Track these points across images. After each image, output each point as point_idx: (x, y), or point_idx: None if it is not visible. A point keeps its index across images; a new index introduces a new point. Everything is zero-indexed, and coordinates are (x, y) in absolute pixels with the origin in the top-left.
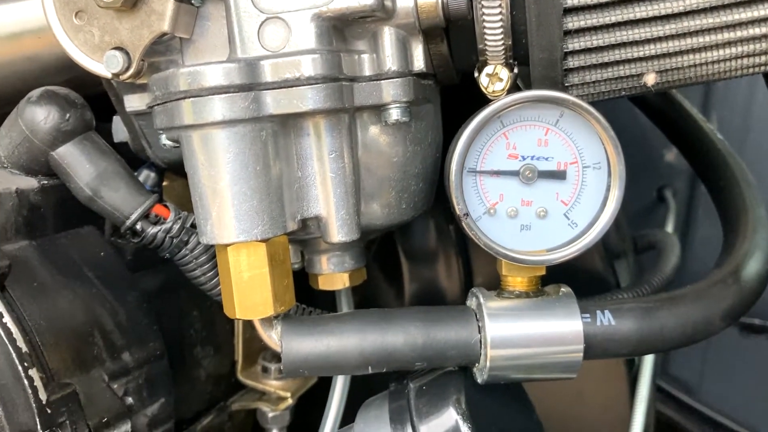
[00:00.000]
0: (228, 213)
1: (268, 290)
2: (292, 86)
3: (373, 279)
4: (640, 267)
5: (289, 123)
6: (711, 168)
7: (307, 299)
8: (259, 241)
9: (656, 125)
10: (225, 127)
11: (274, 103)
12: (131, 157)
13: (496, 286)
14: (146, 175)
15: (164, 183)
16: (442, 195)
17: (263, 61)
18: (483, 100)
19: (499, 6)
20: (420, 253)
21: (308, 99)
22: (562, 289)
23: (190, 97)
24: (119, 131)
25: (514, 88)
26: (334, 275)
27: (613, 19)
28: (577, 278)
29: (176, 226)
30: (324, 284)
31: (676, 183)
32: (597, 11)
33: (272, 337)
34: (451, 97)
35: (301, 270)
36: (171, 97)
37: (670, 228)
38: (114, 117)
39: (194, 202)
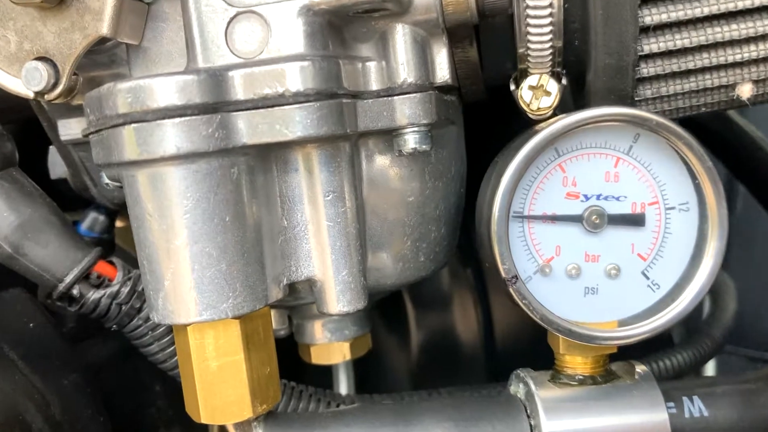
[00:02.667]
0: (186, 282)
1: (245, 384)
2: (272, 105)
3: (374, 326)
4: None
5: (270, 155)
6: (760, 176)
7: (295, 368)
8: (232, 318)
9: (712, 153)
10: (181, 164)
11: (248, 129)
12: (74, 198)
13: (520, 337)
14: (93, 219)
15: (118, 224)
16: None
17: (233, 72)
18: (512, 119)
19: None
20: (430, 298)
21: (296, 123)
22: (637, 369)
23: (131, 123)
24: (56, 165)
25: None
26: (330, 346)
27: (705, 11)
28: None
29: (125, 290)
30: (318, 357)
31: None
32: (684, 0)
33: None
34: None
35: (289, 335)
36: (107, 123)
37: None
38: (50, 147)
39: (141, 266)
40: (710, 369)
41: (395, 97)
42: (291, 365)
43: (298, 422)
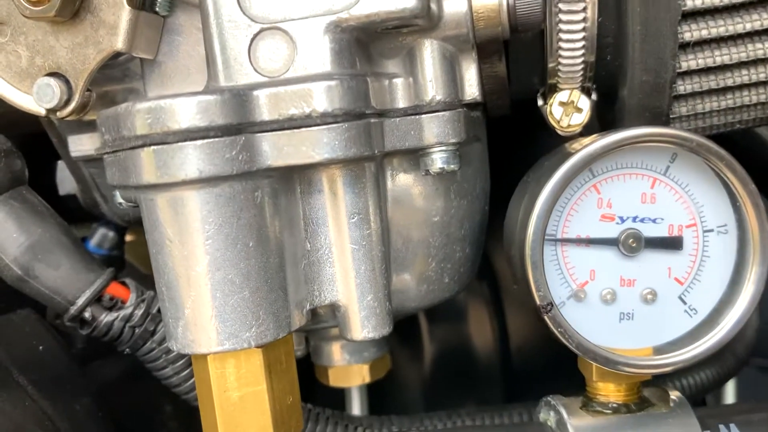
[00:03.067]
0: (208, 310)
1: (267, 416)
2: (299, 127)
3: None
4: None
5: (293, 177)
6: None
7: (306, 386)
8: (254, 347)
9: None
10: (203, 188)
11: (273, 151)
12: (83, 214)
13: (537, 352)
14: (102, 235)
15: (128, 238)
16: None
17: (257, 92)
18: (536, 133)
19: (583, 11)
20: (444, 312)
21: (323, 145)
22: (672, 396)
23: (151, 145)
24: (65, 181)
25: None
26: (349, 368)
27: (748, 26)
28: None
29: (138, 312)
30: (336, 380)
31: None
32: (725, 15)
33: None
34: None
35: (304, 356)
36: (125, 144)
37: None
38: (58, 162)
39: (159, 293)
40: (730, 385)
41: (423, 116)
42: (302, 383)
43: None
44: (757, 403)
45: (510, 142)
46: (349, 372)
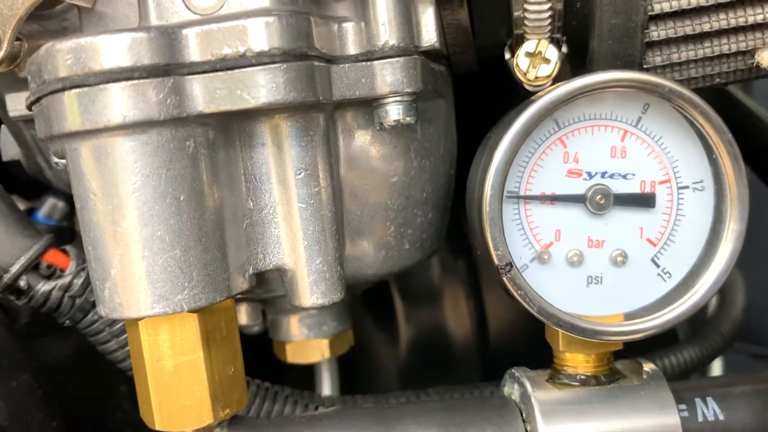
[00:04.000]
0: (136, 270)
1: (204, 386)
2: (233, 68)
3: (360, 322)
4: None
5: (232, 127)
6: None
7: (274, 368)
8: (188, 311)
9: None
10: (129, 135)
11: (205, 95)
12: (30, 181)
13: (516, 333)
14: (51, 206)
15: None
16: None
17: (187, 30)
18: (511, 93)
19: None
20: (419, 292)
21: (260, 88)
22: (645, 368)
23: (72, 88)
24: (8, 146)
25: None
26: (308, 343)
27: None
28: None
29: (78, 281)
30: (295, 356)
31: None
32: None
33: None
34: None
35: (263, 332)
36: (46, 89)
37: None
38: (1, 127)
39: (86, 253)
40: (716, 367)
41: (375, 62)
42: (269, 364)
43: (266, 428)
44: (735, 376)
45: (483, 105)
46: (307, 347)
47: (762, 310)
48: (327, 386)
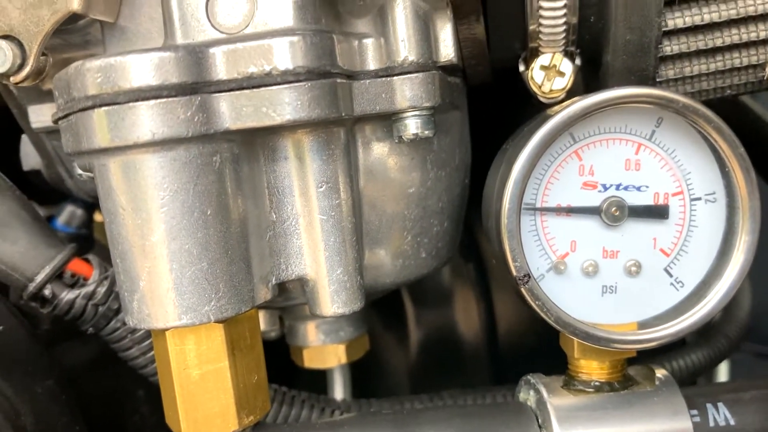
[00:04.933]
0: (164, 282)
1: (230, 394)
2: (259, 86)
3: (371, 324)
4: None
5: (256, 142)
6: None
7: (287, 371)
8: (215, 322)
9: None
10: (157, 151)
11: (231, 112)
12: (49, 190)
13: (525, 335)
14: (70, 213)
15: (97, 218)
16: None
17: (214, 48)
18: (525, 104)
19: None
20: (429, 295)
21: (285, 105)
22: (657, 374)
23: (102, 106)
24: (29, 156)
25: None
26: (325, 348)
27: None
28: None
29: (101, 290)
30: (312, 361)
31: None
32: None
33: None
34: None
35: (280, 337)
36: (75, 106)
37: None
38: (22, 137)
39: (114, 265)
40: (722, 368)
41: (395, 78)
42: (283, 368)
43: None
44: (745, 381)
45: (497, 115)
46: (324, 352)
47: (764, 310)
48: (339, 390)
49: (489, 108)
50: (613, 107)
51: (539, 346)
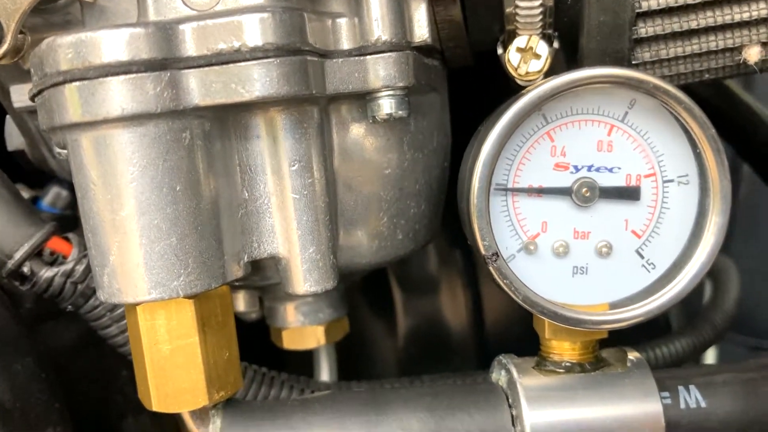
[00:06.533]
0: (134, 257)
1: (200, 370)
2: (228, 62)
3: (360, 312)
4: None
5: (228, 120)
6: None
7: (275, 356)
8: (184, 297)
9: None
10: (127, 127)
11: (201, 88)
12: (35, 171)
13: (512, 322)
14: (55, 194)
15: None
16: (445, 213)
17: (184, 25)
18: (508, 89)
19: None
20: (417, 281)
21: (254, 82)
22: (630, 356)
23: (73, 81)
24: (13, 136)
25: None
26: (304, 330)
27: None
28: None
29: (80, 268)
30: (291, 342)
31: None
32: None
33: None
34: (458, 84)
35: (260, 319)
36: (48, 82)
37: None
38: (7, 117)
39: (86, 240)
40: (710, 358)
41: (368, 57)
42: (271, 352)
43: (260, 410)
44: (719, 365)
45: (480, 100)
46: (303, 334)
47: (756, 302)
48: (325, 373)
49: (473, 92)
50: (585, 88)
51: (526, 334)
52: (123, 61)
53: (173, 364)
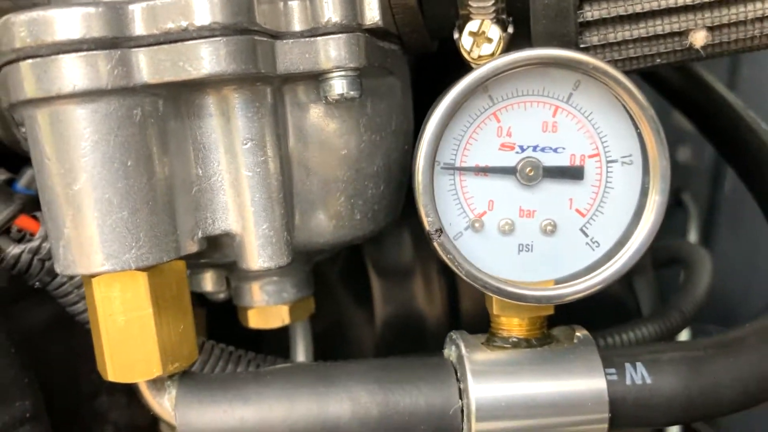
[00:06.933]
0: (87, 230)
1: (153, 341)
2: (176, 41)
3: (340, 301)
4: (660, 284)
5: (182, 99)
6: (750, 159)
7: (255, 334)
8: (136, 269)
9: (672, 104)
10: (79, 103)
11: (150, 67)
12: (12, 154)
13: (485, 308)
14: (30, 176)
15: None
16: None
17: (134, 5)
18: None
19: None
20: (393, 270)
21: (200, 60)
22: (577, 333)
23: (27, 58)
24: None
25: None
26: (269, 309)
27: None
28: (585, 302)
29: (47, 245)
30: (256, 321)
31: (694, 185)
32: None
33: (164, 406)
34: (429, 72)
35: (228, 299)
36: (4, 59)
37: (692, 238)
38: None
39: (43, 214)
40: None
41: (319, 38)
42: (249, 335)
43: (215, 381)
44: (666, 343)
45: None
46: (268, 313)
47: (742, 297)
48: (301, 354)
49: (440, 78)
50: (529, 69)
51: None
52: (74, 39)
53: (128, 335)
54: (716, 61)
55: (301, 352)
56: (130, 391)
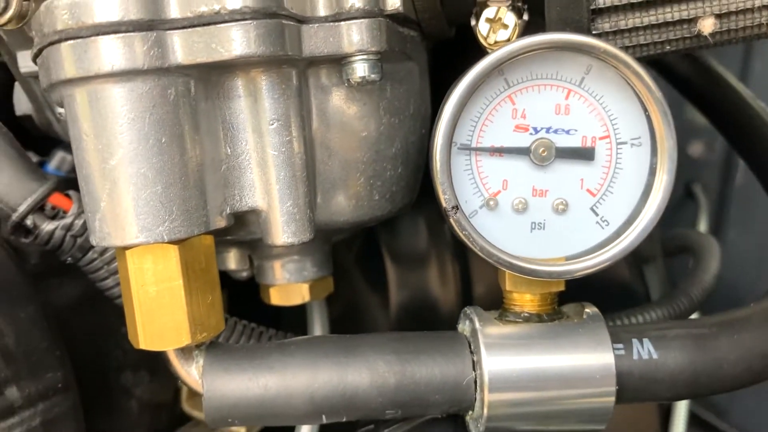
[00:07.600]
0: (122, 203)
1: (183, 311)
2: (209, 23)
3: (355, 286)
4: (670, 273)
5: (212, 80)
6: (762, 152)
7: (273, 315)
8: (169, 242)
9: (685, 96)
10: (118, 82)
11: (184, 48)
12: (42, 136)
13: (498, 292)
14: (61, 158)
15: None
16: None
17: None
18: None
19: None
20: (408, 255)
21: (232, 42)
22: (587, 309)
23: (67, 40)
24: (21, 101)
25: None
26: (290, 287)
27: None
28: (596, 287)
29: (79, 222)
30: (278, 298)
31: (705, 177)
32: None
33: (192, 374)
34: (446, 58)
35: (251, 277)
36: (45, 41)
37: (702, 228)
38: (15, 84)
39: (81, 189)
40: None
41: (342, 23)
42: (267, 313)
43: (240, 351)
44: (672, 321)
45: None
46: (289, 290)
47: (752, 286)
48: (318, 330)
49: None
50: (543, 54)
51: None
52: (113, 21)
53: (159, 305)
54: (728, 55)
55: (317, 327)
56: (153, 368)
